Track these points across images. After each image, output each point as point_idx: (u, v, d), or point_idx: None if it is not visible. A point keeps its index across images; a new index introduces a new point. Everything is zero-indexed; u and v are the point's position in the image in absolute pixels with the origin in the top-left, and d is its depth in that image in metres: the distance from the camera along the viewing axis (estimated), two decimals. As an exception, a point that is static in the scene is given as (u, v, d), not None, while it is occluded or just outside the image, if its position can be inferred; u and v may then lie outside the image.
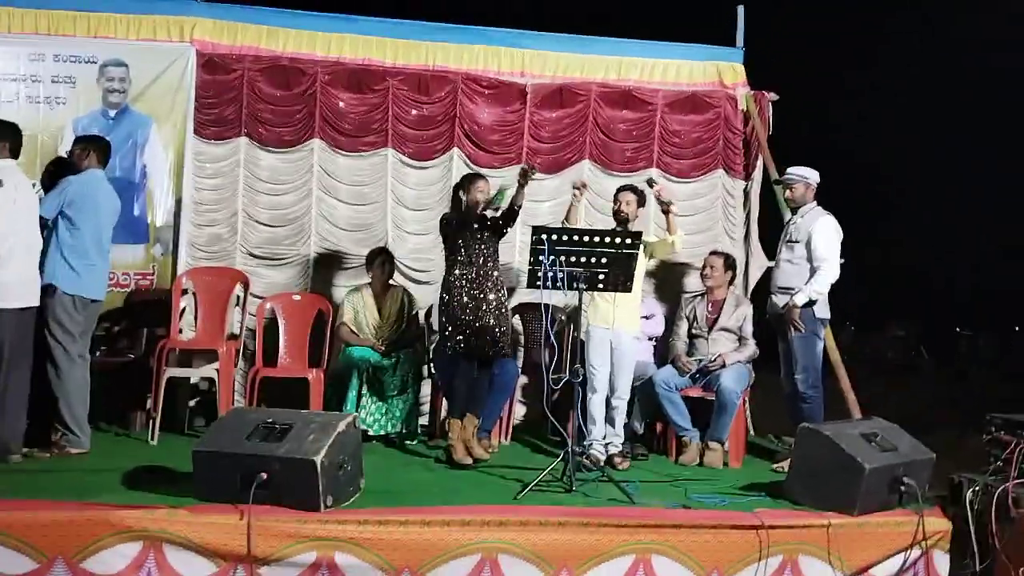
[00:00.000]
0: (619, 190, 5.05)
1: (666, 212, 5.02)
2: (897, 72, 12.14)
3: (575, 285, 4.31)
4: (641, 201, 4.99)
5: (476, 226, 4.78)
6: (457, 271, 4.74)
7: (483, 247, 4.78)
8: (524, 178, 4.64)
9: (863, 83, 12.31)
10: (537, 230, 4.35)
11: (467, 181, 4.89)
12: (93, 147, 4.67)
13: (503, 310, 4.84)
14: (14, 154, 4.32)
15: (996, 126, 11.06)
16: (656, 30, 6.56)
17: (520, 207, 4.83)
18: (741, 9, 6.41)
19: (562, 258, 4.25)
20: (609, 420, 4.91)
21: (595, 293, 4.71)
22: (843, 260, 5.11)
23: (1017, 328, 13.41)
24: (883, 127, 12.09)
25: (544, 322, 4.39)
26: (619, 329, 4.85)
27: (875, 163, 11.38)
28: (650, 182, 5.06)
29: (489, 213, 4.77)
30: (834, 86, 11.24)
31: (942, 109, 11.71)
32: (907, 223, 12.20)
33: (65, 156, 4.88)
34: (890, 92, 12.31)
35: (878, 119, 12.19)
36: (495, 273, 4.83)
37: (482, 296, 4.71)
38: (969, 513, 3.85)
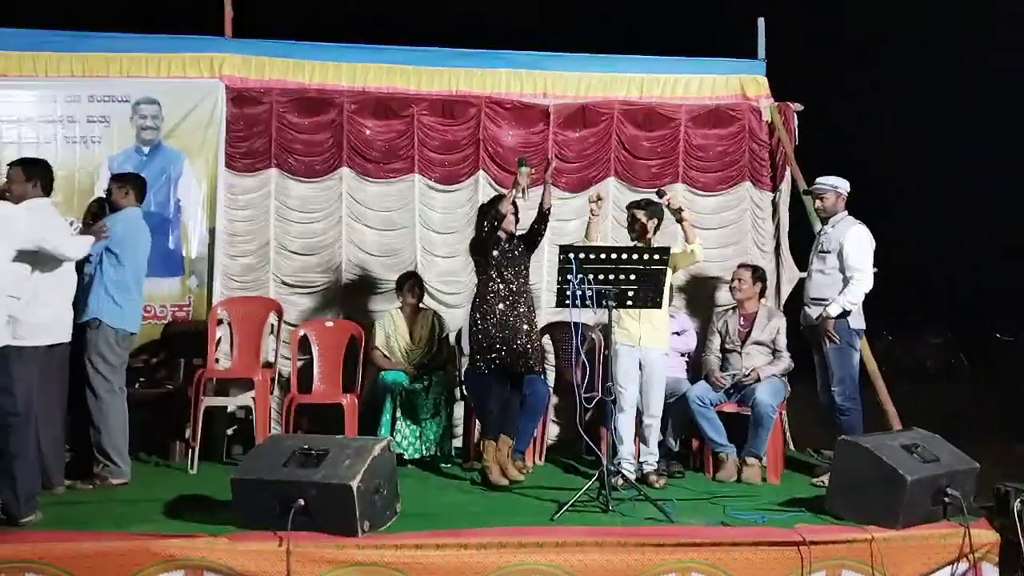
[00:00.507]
0: (627, 208, 5.04)
1: (680, 221, 4.98)
2: (897, 72, 12.01)
3: (604, 303, 4.30)
4: (651, 214, 4.93)
5: (507, 245, 4.81)
6: (489, 289, 4.77)
7: (514, 264, 4.81)
8: (546, 172, 4.75)
9: (862, 83, 12.17)
10: (564, 249, 4.36)
11: (496, 202, 4.92)
12: (131, 185, 4.83)
13: (534, 326, 4.86)
14: (46, 191, 4.41)
15: (996, 126, 10.94)
16: (676, 46, 6.57)
17: (550, 209, 4.88)
18: (761, 21, 6.41)
19: (590, 276, 4.25)
20: (643, 439, 4.88)
21: (620, 311, 4.69)
22: (876, 269, 5.05)
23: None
24: (883, 127, 11.98)
25: (574, 341, 4.40)
26: (646, 346, 4.82)
27: (875, 163, 11.28)
28: (660, 192, 5.03)
29: (520, 202, 4.81)
30: (834, 87, 11.14)
31: (942, 109, 11.59)
32: (907, 223, 12.04)
33: (104, 195, 5.00)
34: (890, 92, 12.18)
35: (878, 119, 12.07)
36: (526, 290, 4.85)
37: (515, 313, 4.73)
38: (1017, 523, 3.75)
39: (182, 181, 5.85)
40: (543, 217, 4.90)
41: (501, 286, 4.77)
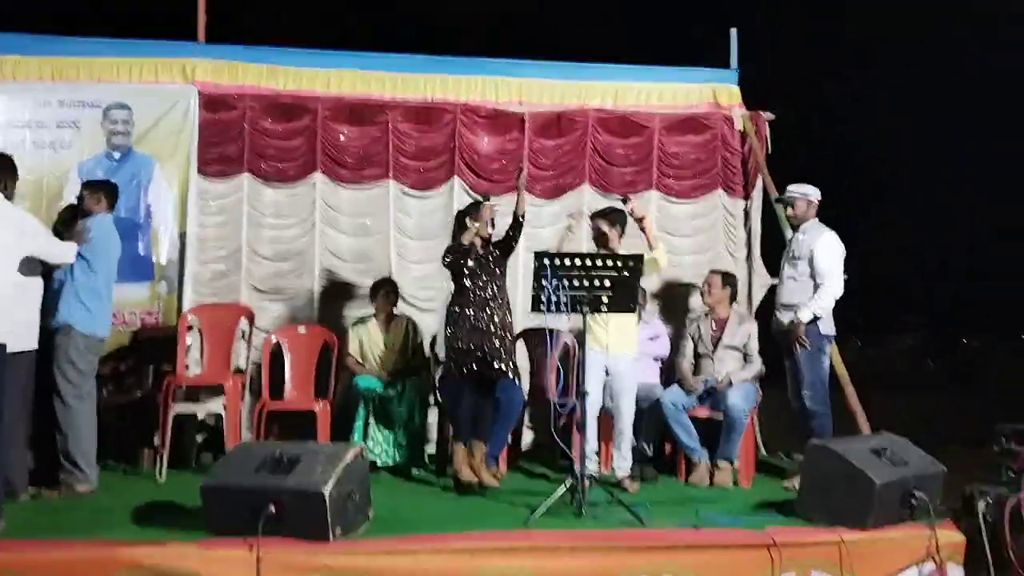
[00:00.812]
0: (591, 218, 5.05)
1: (643, 229, 4.98)
2: (895, 61, 12.13)
3: (578, 308, 4.32)
4: (614, 222, 4.95)
5: (481, 252, 4.82)
6: (464, 295, 4.78)
7: (489, 271, 4.82)
8: (518, 179, 4.88)
9: (860, 68, 12.24)
10: (539, 255, 4.38)
11: (472, 209, 4.94)
12: (104, 192, 4.78)
13: (508, 332, 4.86)
14: (8, 196, 4.35)
15: (990, 107, 11.08)
16: (650, 56, 6.64)
17: (524, 215, 4.91)
18: (734, 32, 6.49)
19: (565, 282, 4.27)
20: (616, 447, 4.89)
21: (589, 318, 4.69)
22: (847, 276, 5.12)
23: None
24: (877, 109, 12.10)
25: (548, 346, 4.41)
26: (614, 352, 4.85)
27: (870, 145, 11.40)
28: (624, 199, 5.05)
29: (490, 230, 4.87)
30: (830, 72, 11.20)
31: (936, 91, 11.73)
32: (901, 204, 12.16)
33: (75, 202, 4.94)
34: (886, 75, 12.28)
35: (871, 100, 12.19)
36: (501, 295, 4.86)
37: (489, 318, 4.75)
38: (982, 525, 3.81)
39: (153, 186, 5.80)
40: (517, 224, 4.93)
41: (475, 292, 4.78)
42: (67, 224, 4.79)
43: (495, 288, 4.84)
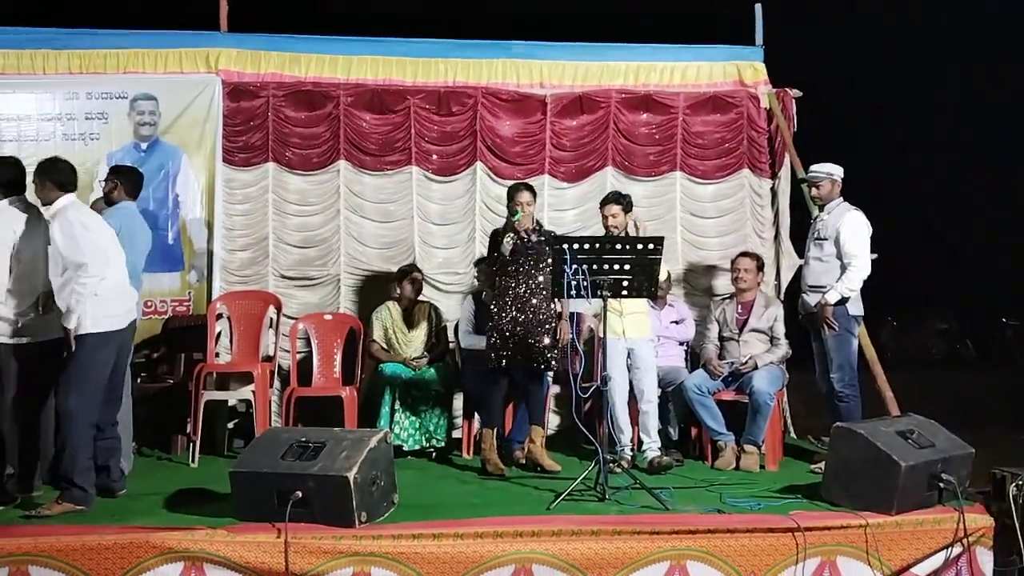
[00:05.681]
0: (602, 204, 5.00)
1: None
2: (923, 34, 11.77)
3: (599, 293, 4.31)
4: (627, 208, 4.94)
5: (526, 238, 4.79)
6: (508, 285, 4.75)
7: (534, 260, 4.78)
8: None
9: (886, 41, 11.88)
10: (558, 239, 4.37)
11: (513, 192, 4.89)
12: (122, 179, 4.70)
13: (552, 321, 4.81)
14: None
15: None
16: (673, 33, 6.54)
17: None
18: (759, 7, 6.38)
19: (585, 267, 4.26)
20: (643, 427, 4.89)
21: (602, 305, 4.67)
22: (875, 255, 5.04)
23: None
24: (907, 82, 11.77)
25: (571, 331, 4.40)
26: (631, 336, 4.84)
27: (902, 119, 11.06)
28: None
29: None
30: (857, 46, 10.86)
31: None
32: (934, 180, 11.82)
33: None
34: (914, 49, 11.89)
35: (901, 73, 11.85)
36: (545, 285, 4.81)
37: (531, 308, 4.72)
38: (1013, 507, 3.76)
39: (180, 176, 5.88)
40: None
41: (520, 282, 4.75)
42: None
43: (540, 279, 4.76)
